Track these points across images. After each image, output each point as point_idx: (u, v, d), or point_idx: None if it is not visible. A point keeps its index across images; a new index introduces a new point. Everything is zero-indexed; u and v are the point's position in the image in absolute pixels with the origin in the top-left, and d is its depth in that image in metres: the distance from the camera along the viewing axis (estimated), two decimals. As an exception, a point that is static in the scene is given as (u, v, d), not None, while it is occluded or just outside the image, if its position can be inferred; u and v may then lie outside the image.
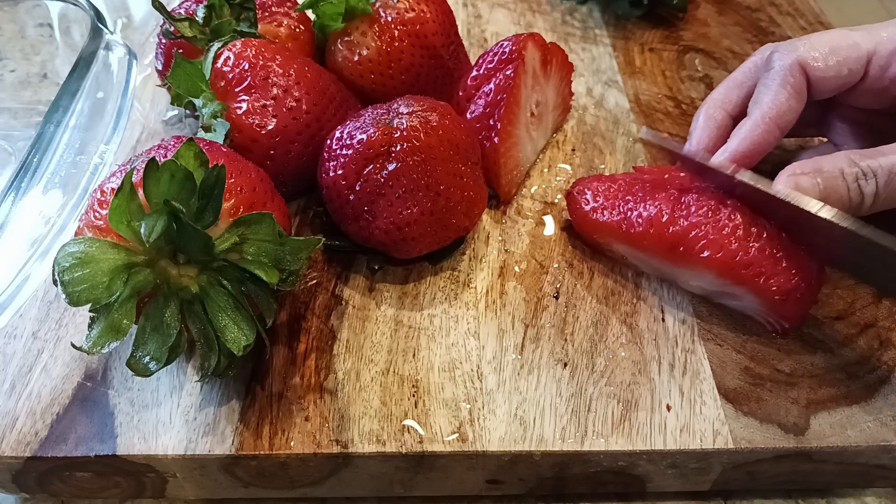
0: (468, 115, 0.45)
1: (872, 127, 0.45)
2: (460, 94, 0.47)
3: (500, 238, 0.45)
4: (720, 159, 0.42)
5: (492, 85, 0.44)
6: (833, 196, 0.39)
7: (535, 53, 0.46)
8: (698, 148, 0.45)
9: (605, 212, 0.41)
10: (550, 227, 0.45)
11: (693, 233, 0.38)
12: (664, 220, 0.39)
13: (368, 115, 0.40)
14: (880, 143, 0.42)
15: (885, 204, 0.39)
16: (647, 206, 0.40)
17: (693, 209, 0.38)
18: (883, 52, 0.40)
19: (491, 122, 0.44)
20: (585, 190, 0.43)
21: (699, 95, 0.56)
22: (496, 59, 0.45)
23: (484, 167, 0.45)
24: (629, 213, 0.40)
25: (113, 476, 0.36)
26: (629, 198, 0.41)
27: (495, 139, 0.44)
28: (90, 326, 0.31)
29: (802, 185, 0.39)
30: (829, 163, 0.39)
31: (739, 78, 0.46)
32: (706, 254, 0.37)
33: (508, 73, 0.44)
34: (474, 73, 0.46)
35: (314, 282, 0.41)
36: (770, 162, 0.47)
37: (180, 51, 0.43)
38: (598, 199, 0.42)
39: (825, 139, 0.50)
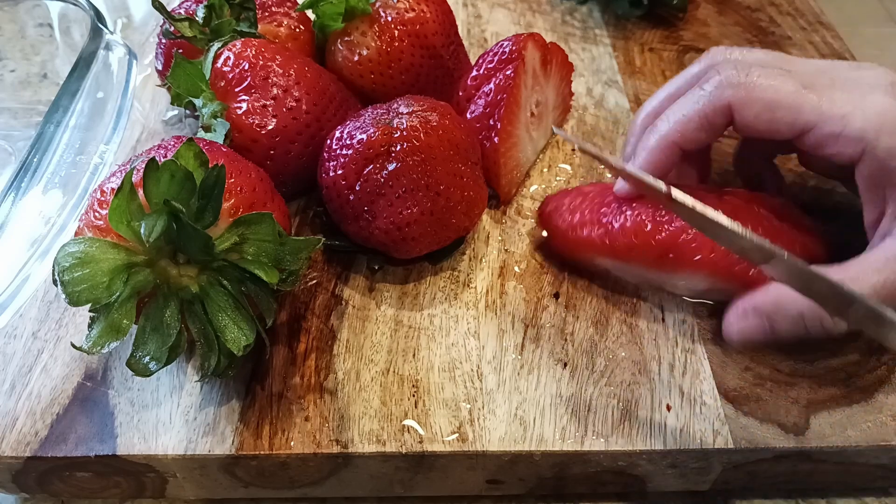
0: (468, 115, 0.45)
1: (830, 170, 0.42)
2: (460, 94, 0.47)
3: (500, 238, 0.45)
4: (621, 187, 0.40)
5: (492, 85, 0.44)
6: (786, 335, 0.35)
7: (535, 53, 0.46)
8: (626, 159, 0.42)
9: (584, 228, 0.40)
10: (550, 227, 0.45)
11: (682, 237, 0.37)
12: (648, 229, 0.38)
13: (368, 115, 0.40)
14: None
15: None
16: (627, 217, 0.38)
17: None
18: (824, 130, 0.35)
19: (491, 122, 0.44)
20: (559, 207, 0.42)
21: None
22: (496, 59, 0.45)
23: (484, 167, 0.45)
24: (609, 226, 0.39)
25: (113, 476, 0.36)
26: (604, 209, 0.40)
27: (495, 139, 0.44)
28: (90, 326, 0.31)
29: (749, 329, 0.36)
30: (788, 299, 0.34)
31: (680, 91, 0.41)
32: (698, 257, 0.37)
33: (508, 73, 0.44)
34: (474, 73, 0.46)
35: (314, 282, 0.42)
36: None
37: (180, 51, 0.43)
38: (574, 215, 0.41)
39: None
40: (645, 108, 0.43)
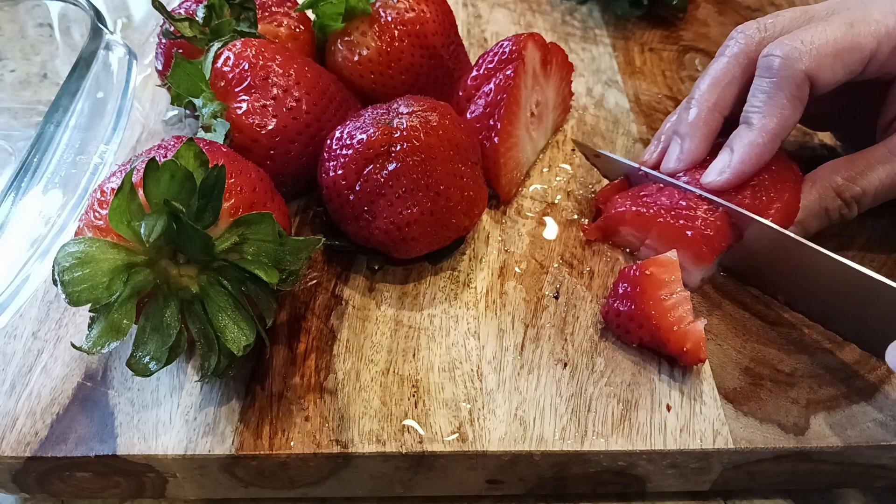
0: (468, 115, 0.45)
1: (851, 94, 0.44)
2: (460, 94, 0.47)
3: (500, 238, 0.45)
4: (719, 178, 0.40)
5: (492, 85, 0.44)
6: (815, 229, 0.40)
7: (536, 53, 0.46)
8: (692, 157, 0.43)
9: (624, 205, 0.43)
10: (550, 227, 0.45)
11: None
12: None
13: (368, 115, 0.40)
14: (848, 103, 0.43)
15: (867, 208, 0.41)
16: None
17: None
18: (885, 49, 0.39)
19: (491, 122, 0.44)
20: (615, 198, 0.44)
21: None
22: (496, 59, 0.45)
23: (484, 167, 0.45)
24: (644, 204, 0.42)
25: (113, 476, 0.36)
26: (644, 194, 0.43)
27: (495, 139, 0.44)
28: (90, 326, 0.31)
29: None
30: (813, 201, 0.40)
31: (729, 75, 0.42)
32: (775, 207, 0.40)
33: (508, 73, 0.44)
34: (474, 73, 0.46)
35: (314, 282, 0.41)
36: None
37: (180, 51, 0.43)
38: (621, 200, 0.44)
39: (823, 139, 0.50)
40: (698, 100, 0.43)
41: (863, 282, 0.35)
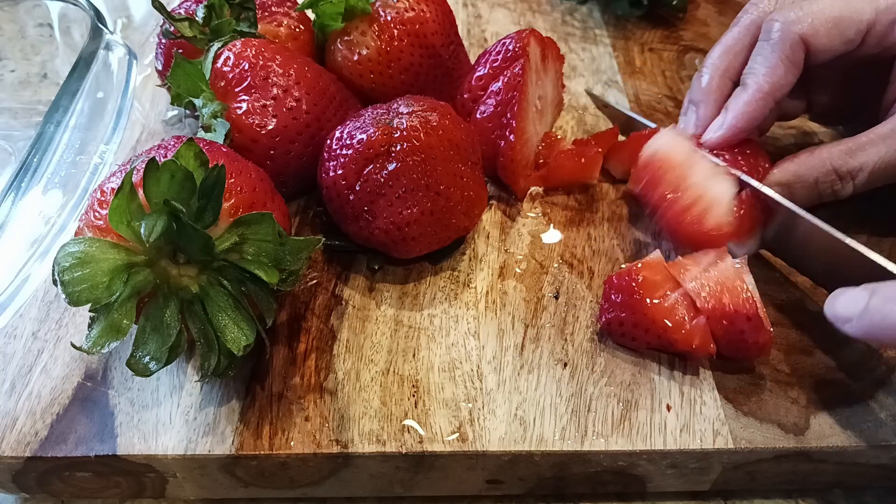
0: (478, 116, 0.45)
1: (854, 77, 0.45)
2: (465, 95, 0.46)
3: (500, 238, 0.45)
4: (715, 134, 0.43)
5: (500, 83, 0.44)
6: (802, 201, 0.41)
7: (537, 49, 0.46)
8: (707, 123, 0.44)
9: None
10: (551, 226, 0.45)
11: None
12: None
13: (368, 115, 0.40)
14: (854, 93, 0.44)
15: (859, 193, 0.41)
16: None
17: None
18: (883, 21, 0.40)
19: (504, 120, 0.44)
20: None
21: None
22: (500, 56, 0.45)
23: (500, 166, 0.45)
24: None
25: (113, 476, 0.36)
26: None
27: (511, 137, 0.44)
28: (90, 326, 0.31)
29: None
30: (806, 169, 0.41)
31: (740, 43, 0.45)
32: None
33: (517, 70, 0.44)
34: (480, 72, 0.46)
35: (314, 282, 0.41)
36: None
37: (180, 51, 0.43)
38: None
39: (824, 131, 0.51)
40: (711, 69, 0.45)
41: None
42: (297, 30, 0.48)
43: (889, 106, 0.42)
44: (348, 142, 0.39)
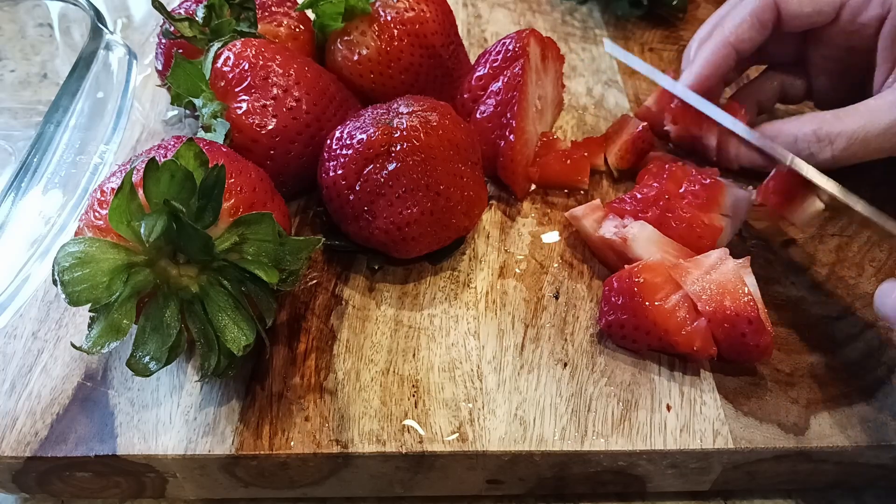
0: (478, 115, 0.45)
1: (848, 62, 0.47)
2: (465, 95, 0.47)
3: (500, 238, 0.45)
4: (685, 82, 0.46)
5: (500, 83, 0.44)
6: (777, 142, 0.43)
7: (537, 49, 0.46)
8: (692, 81, 0.47)
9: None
10: (551, 227, 0.45)
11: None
12: None
13: (368, 115, 0.40)
14: (853, 80, 0.46)
15: (840, 164, 0.42)
16: None
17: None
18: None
19: (504, 120, 0.44)
20: None
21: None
22: (500, 56, 0.45)
23: (500, 166, 0.45)
24: None
25: (113, 476, 0.36)
26: None
27: (511, 137, 0.44)
28: (90, 326, 0.31)
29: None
30: (791, 125, 0.43)
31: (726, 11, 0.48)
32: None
33: (516, 70, 0.44)
34: (480, 71, 0.46)
35: (314, 282, 0.41)
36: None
37: (180, 51, 0.43)
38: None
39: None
40: (699, 33, 0.49)
41: None
42: (297, 30, 0.48)
43: (879, 87, 0.44)
44: (348, 142, 0.39)
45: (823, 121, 0.41)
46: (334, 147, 0.40)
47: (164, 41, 0.47)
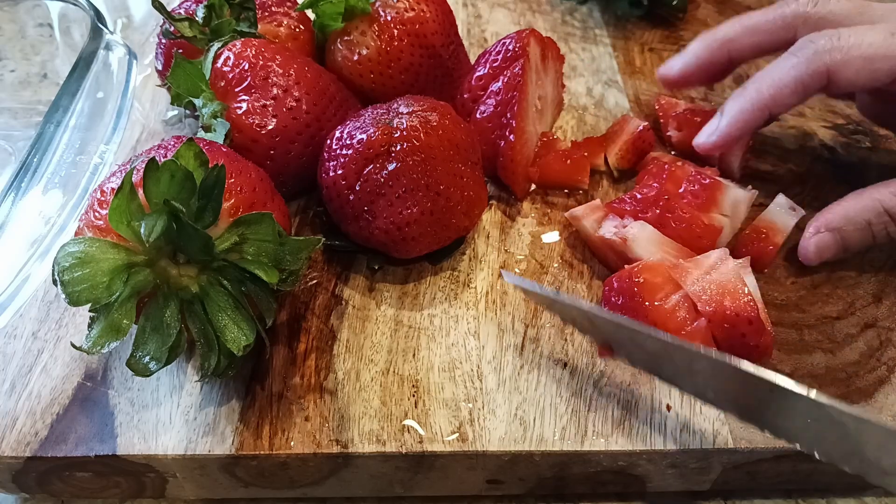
0: (478, 116, 0.45)
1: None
2: (465, 95, 0.47)
3: (500, 238, 0.45)
4: (708, 140, 0.42)
5: (500, 83, 0.44)
6: (857, 245, 0.40)
7: (537, 49, 0.46)
8: (678, 72, 0.46)
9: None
10: (551, 227, 0.45)
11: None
12: None
13: (368, 115, 0.40)
14: None
15: None
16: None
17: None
18: None
19: (504, 120, 0.44)
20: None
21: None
22: (500, 56, 0.45)
23: (500, 166, 0.45)
24: None
25: (113, 476, 0.36)
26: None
27: (511, 137, 0.44)
28: (90, 326, 0.31)
29: (824, 244, 0.40)
30: (855, 211, 0.39)
31: (760, 26, 0.43)
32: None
33: (516, 70, 0.44)
34: (480, 71, 0.46)
35: (314, 282, 0.41)
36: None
37: (180, 51, 0.43)
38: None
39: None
40: (719, 31, 0.44)
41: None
42: (297, 30, 0.48)
43: None
44: (348, 142, 0.39)
45: (892, 199, 0.38)
46: (334, 147, 0.40)
47: (164, 41, 0.47)
